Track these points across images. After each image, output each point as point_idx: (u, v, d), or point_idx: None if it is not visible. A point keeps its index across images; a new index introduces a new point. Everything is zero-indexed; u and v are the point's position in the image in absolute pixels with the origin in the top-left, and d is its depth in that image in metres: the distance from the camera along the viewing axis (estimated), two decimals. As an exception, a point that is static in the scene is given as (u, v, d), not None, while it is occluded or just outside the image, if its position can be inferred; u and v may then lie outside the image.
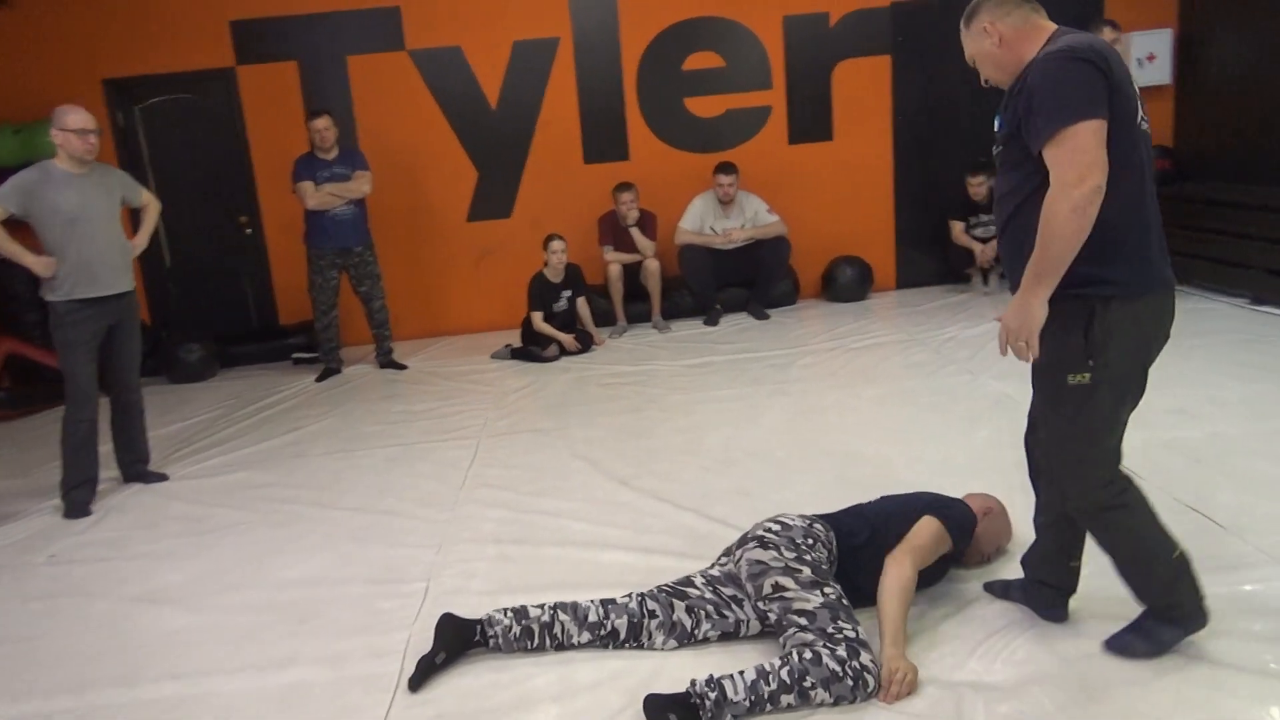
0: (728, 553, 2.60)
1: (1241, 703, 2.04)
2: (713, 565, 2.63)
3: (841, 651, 2.16)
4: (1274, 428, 3.57)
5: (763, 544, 2.44)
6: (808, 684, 2.12)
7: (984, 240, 6.45)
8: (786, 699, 2.12)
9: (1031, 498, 2.42)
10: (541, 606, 2.50)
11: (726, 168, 6.27)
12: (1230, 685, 2.10)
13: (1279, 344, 4.70)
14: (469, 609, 2.71)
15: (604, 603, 2.50)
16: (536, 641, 2.45)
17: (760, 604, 2.36)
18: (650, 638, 2.44)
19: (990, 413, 4.13)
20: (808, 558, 2.39)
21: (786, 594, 2.30)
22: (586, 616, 2.47)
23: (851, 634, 2.21)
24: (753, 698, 2.11)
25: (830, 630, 2.21)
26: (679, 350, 5.76)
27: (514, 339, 6.06)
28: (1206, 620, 2.19)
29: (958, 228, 6.55)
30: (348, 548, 3.30)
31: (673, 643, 2.44)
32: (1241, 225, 5.47)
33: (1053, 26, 2.13)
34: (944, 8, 6.52)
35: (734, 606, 2.46)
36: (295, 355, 6.22)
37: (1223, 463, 3.31)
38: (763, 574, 2.36)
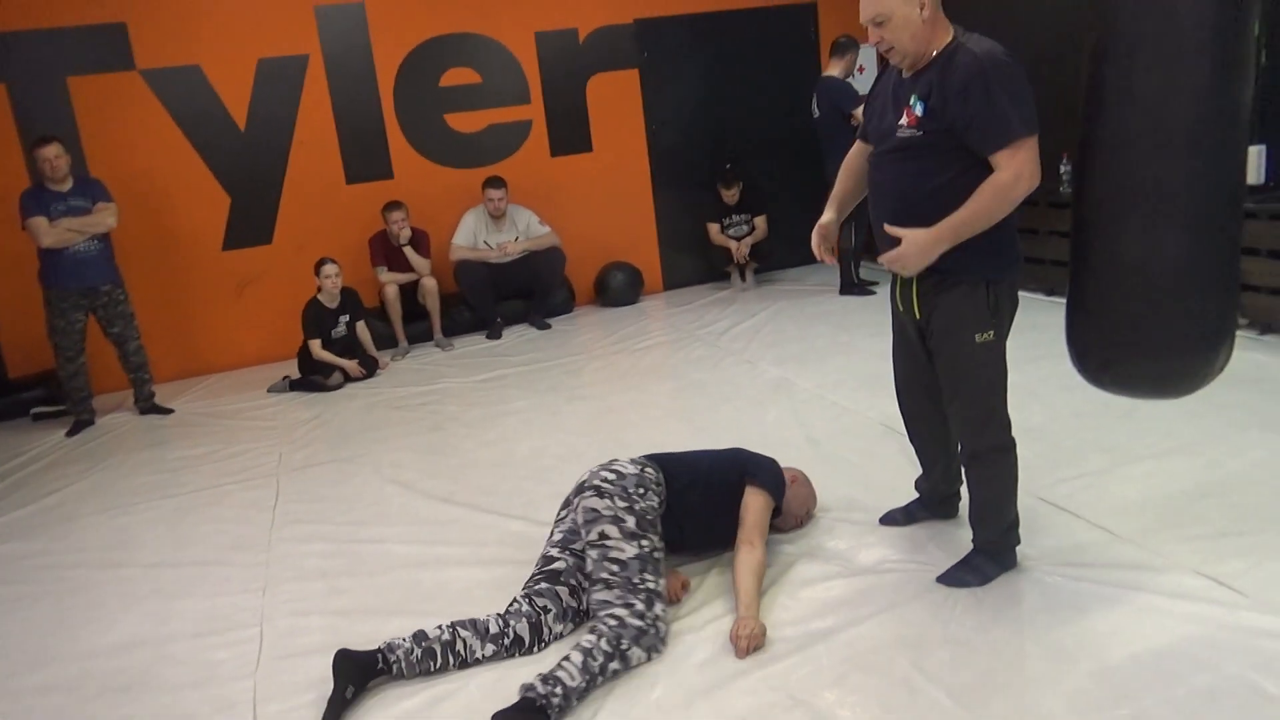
0: (566, 504, 2.76)
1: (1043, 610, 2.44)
2: (555, 528, 2.76)
3: (640, 604, 2.39)
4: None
5: (598, 492, 2.61)
6: (624, 646, 2.32)
7: (737, 239, 6.97)
8: (613, 666, 2.30)
9: (826, 467, 2.73)
10: (440, 626, 2.49)
11: (495, 182, 6.35)
12: (1031, 598, 2.50)
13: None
14: (312, 646, 2.67)
15: (500, 615, 2.53)
16: (440, 662, 2.43)
17: (586, 548, 2.54)
18: (550, 632, 2.52)
19: (773, 396, 4.50)
20: (637, 506, 2.58)
21: (608, 542, 2.50)
22: (487, 629, 2.49)
23: (653, 585, 2.46)
24: (587, 677, 2.25)
25: (635, 581, 2.43)
26: (467, 366, 5.77)
27: (289, 370, 5.81)
28: (1016, 562, 2.63)
29: (714, 229, 7.02)
30: (158, 605, 3.07)
31: (570, 625, 2.56)
32: (1031, 222, 6.06)
33: (951, 26, 2.36)
34: (679, 23, 6.99)
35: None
36: (35, 410, 5.59)
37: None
38: (594, 521, 2.54)
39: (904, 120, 2.38)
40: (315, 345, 5.58)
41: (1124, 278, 2.17)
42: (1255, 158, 4.61)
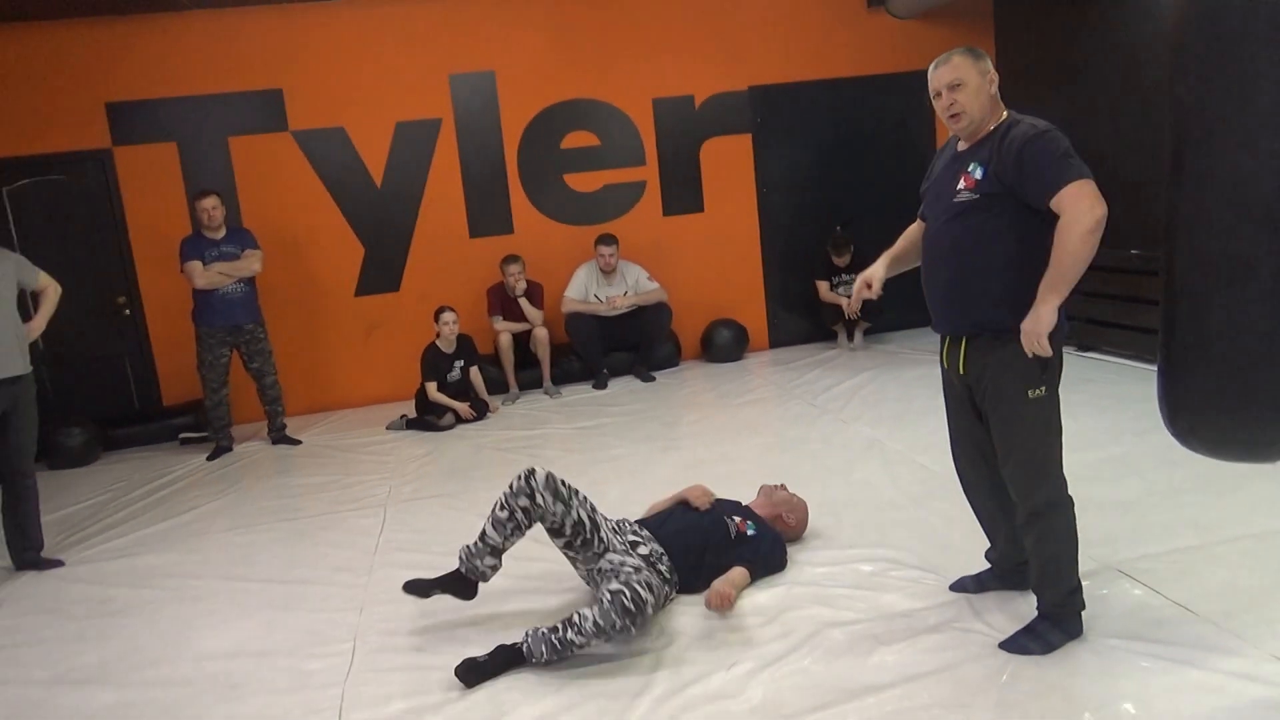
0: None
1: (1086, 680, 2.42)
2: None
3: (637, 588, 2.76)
4: (1098, 457, 4.09)
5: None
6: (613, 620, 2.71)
7: (848, 298, 7.00)
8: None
9: (905, 529, 2.77)
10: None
11: (607, 239, 6.64)
12: (1091, 669, 2.48)
13: (1101, 384, 5.36)
14: (397, 664, 2.88)
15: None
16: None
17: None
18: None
19: (864, 455, 4.54)
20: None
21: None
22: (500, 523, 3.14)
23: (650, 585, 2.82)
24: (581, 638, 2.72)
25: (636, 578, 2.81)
26: (571, 414, 6.00)
27: (407, 410, 6.18)
28: (1082, 630, 2.61)
29: (824, 287, 7.10)
30: (267, 616, 3.36)
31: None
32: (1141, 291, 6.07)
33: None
34: (793, 90, 7.18)
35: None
36: (182, 435, 6.14)
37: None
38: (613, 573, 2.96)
39: (962, 185, 2.51)
40: (431, 387, 5.94)
41: (1210, 346, 2.20)
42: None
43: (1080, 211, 2.35)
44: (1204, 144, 2.13)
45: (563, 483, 3.04)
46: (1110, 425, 4.57)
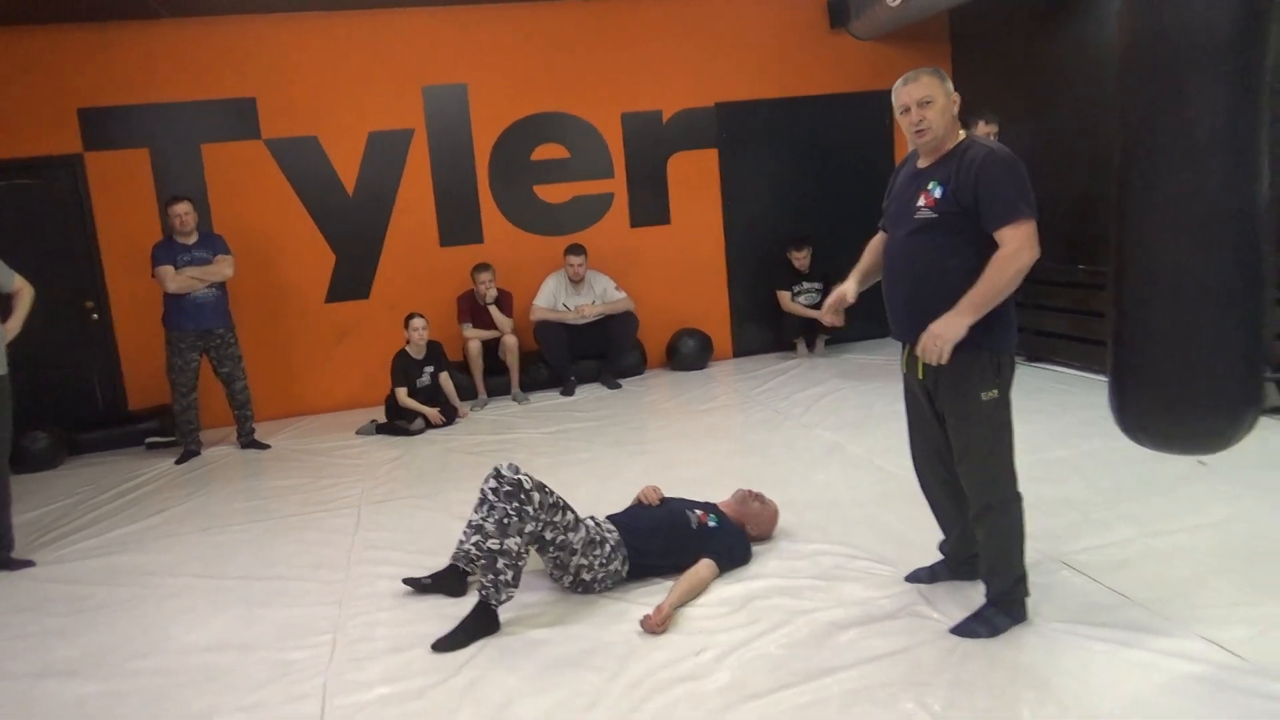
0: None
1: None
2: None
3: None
4: (1040, 459, 4.30)
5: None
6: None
7: (809, 306, 7.21)
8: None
9: (863, 526, 2.93)
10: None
11: (576, 249, 6.78)
12: (1036, 650, 2.66)
13: (1050, 393, 5.60)
14: (379, 653, 2.98)
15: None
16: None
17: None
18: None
19: (825, 459, 4.71)
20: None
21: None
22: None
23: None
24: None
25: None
26: (539, 419, 6.12)
27: (377, 415, 6.25)
28: (1027, 616, 2.79)
29: (784, 297, 7.29)
30: (246, 612, 3.43)
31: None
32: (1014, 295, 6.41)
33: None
34: (758, 107, 7.39)
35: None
36: (149, 440, 6.15)
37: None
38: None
39: (922, 202, 2.68)
40: (401, 393, 6.02)
41: (1156, 349, 2.41)
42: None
43: (1017, 250, 2.54)
44: (1148, 164, 2.34)
45: (527, 474, 3.23)
46: (1059, 430, 4.79)
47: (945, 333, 2.58)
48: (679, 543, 3.34)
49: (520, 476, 3.09)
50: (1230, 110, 2.22)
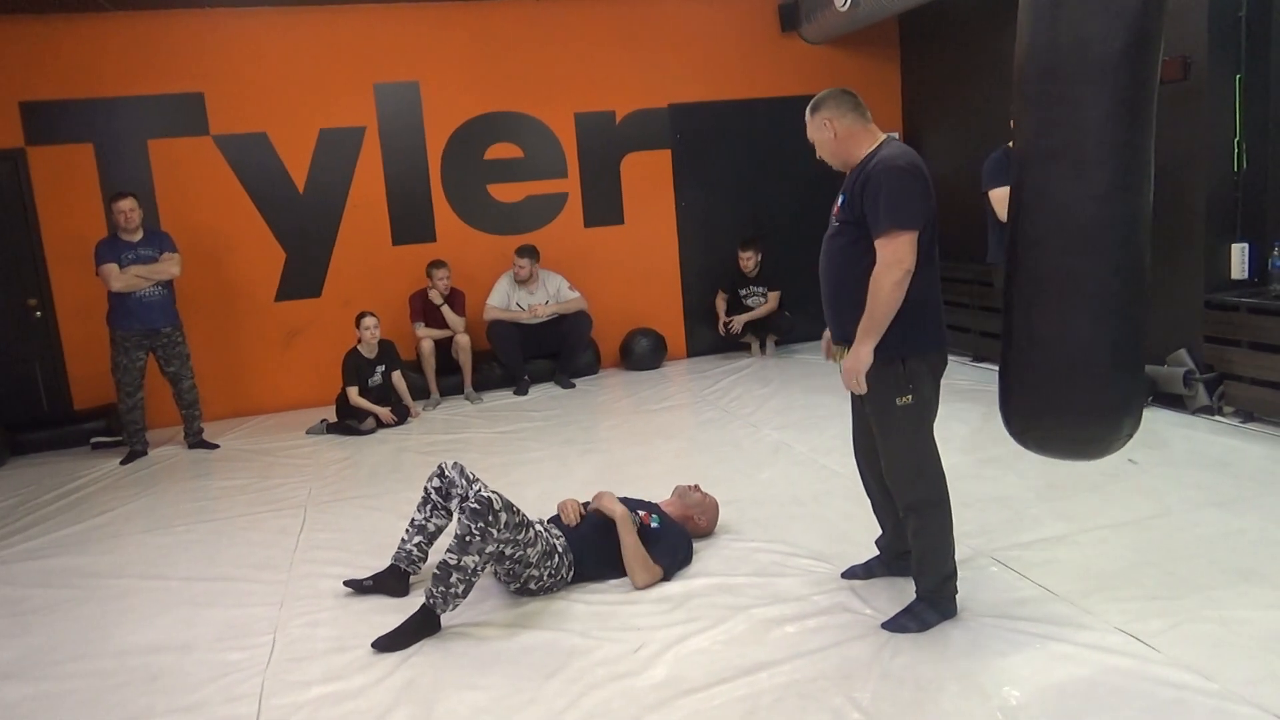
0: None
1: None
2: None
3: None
4: (981, 457, 4.40)
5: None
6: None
7: (753, 309, 7.30)
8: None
9: (804, 523, 3.00)
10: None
11: (524, 251, 6.80)
12: (961, 643, 2.74)
13: (992, 393, 5.71)
14: (318, 653, 3.00)
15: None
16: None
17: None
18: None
19: (771, 457, 4.78)
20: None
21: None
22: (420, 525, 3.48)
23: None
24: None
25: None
26: (492, 419, 6.13)
27: (328, 415, 6.23)
28: (956, 611, 2.87)
29: (720, 302, 7.41)
30: (187, 613, 3.42)
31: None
32: (960, 296, 6.56)
33: (881, 135, 2.78)
34: (711, 109, 7.46)
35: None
36: (94, 440, 6.07)
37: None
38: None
39: (834, 211, 2.80)
40: (352, 392, 6.00)
41: (1039, 354, 2.47)
42: (1238, 254, 4.86)
43: (887, 263, 2.58)
44: (1039, 170, 2.41)
45: (471, 471, 3.29)
46: (997, 429, 4.86)
47: (854, 365, 2.66)
48: (620, 545, 3.37)
49: (491, 495, 3.05)
50: (1118, 121, 2.30)
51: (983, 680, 2.53)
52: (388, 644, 2.96)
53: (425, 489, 3.39)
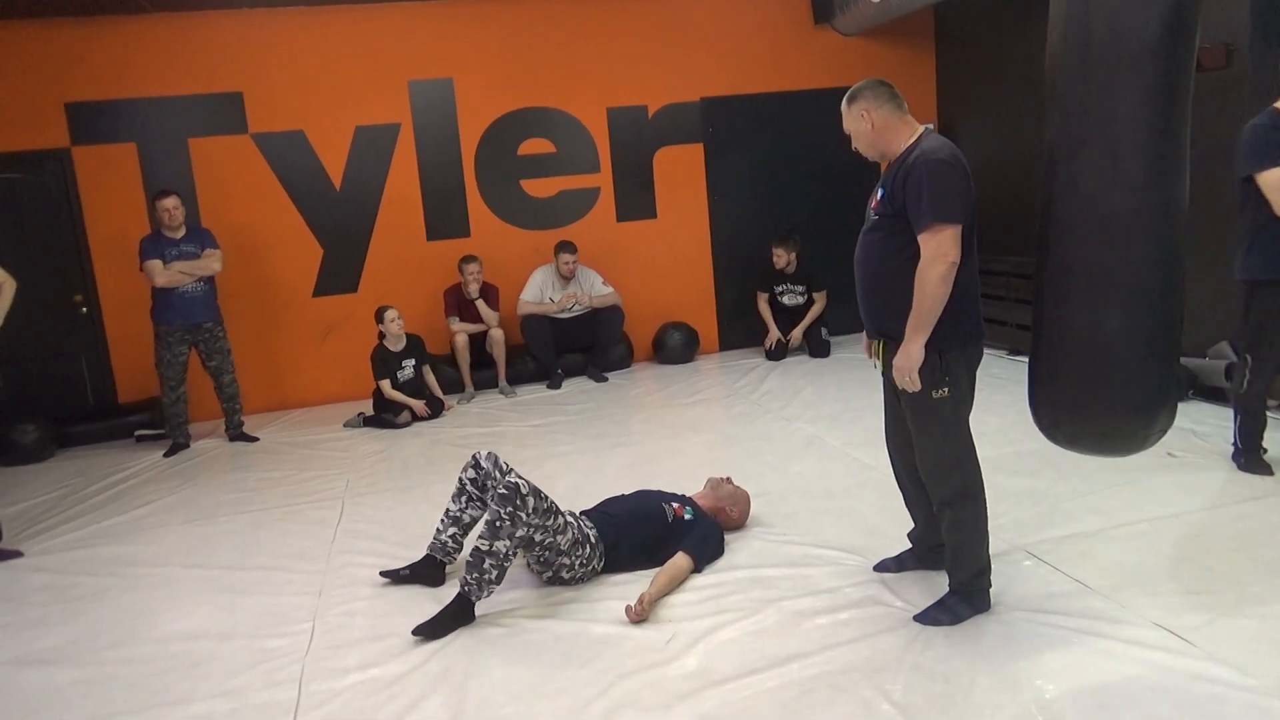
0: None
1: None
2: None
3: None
4: (1017, 450, 4.36)
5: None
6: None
7: (790, 306, 7.24)
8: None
9: (835, 516, 2.99)
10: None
11: (569, 247, 6.84)
12: (994, 636, 2.72)
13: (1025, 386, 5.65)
14: (355, 639, 3.05)
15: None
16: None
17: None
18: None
19: (803, 451, 4.77)
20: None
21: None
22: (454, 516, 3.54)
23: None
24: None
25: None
26: (525, 413, 6.17)
27: (365, 408, 6.31)
28: (990, 605, 2.85)
29: (763, 300, 7.31)
30: (228, 600, 3.49)
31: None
32: (996, 289, 6.49)
33: (918, 126, 2.76)
34: (743, 102, 7.44)
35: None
36: (139, 433, 6.20)
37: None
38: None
39: (872, 204, 2.77)
40: (385, 385, 6.07)
41: (1071, 347, 2.45)
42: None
43: (932, 257, 2.56)
44: (1071, 162, 2.38)
45: (505, 461, 3.35)
46: (1032, 423, 4.83)
47: (906, 363, 2.65)
48: (654, 536, 3.39)
49: (518, 481, 3.11)
50: (1154, 109, 2.26)
51: (1015, 674, 2.52)
52: (426, 632, 3.00)
53: (460, 480, 3.44)
